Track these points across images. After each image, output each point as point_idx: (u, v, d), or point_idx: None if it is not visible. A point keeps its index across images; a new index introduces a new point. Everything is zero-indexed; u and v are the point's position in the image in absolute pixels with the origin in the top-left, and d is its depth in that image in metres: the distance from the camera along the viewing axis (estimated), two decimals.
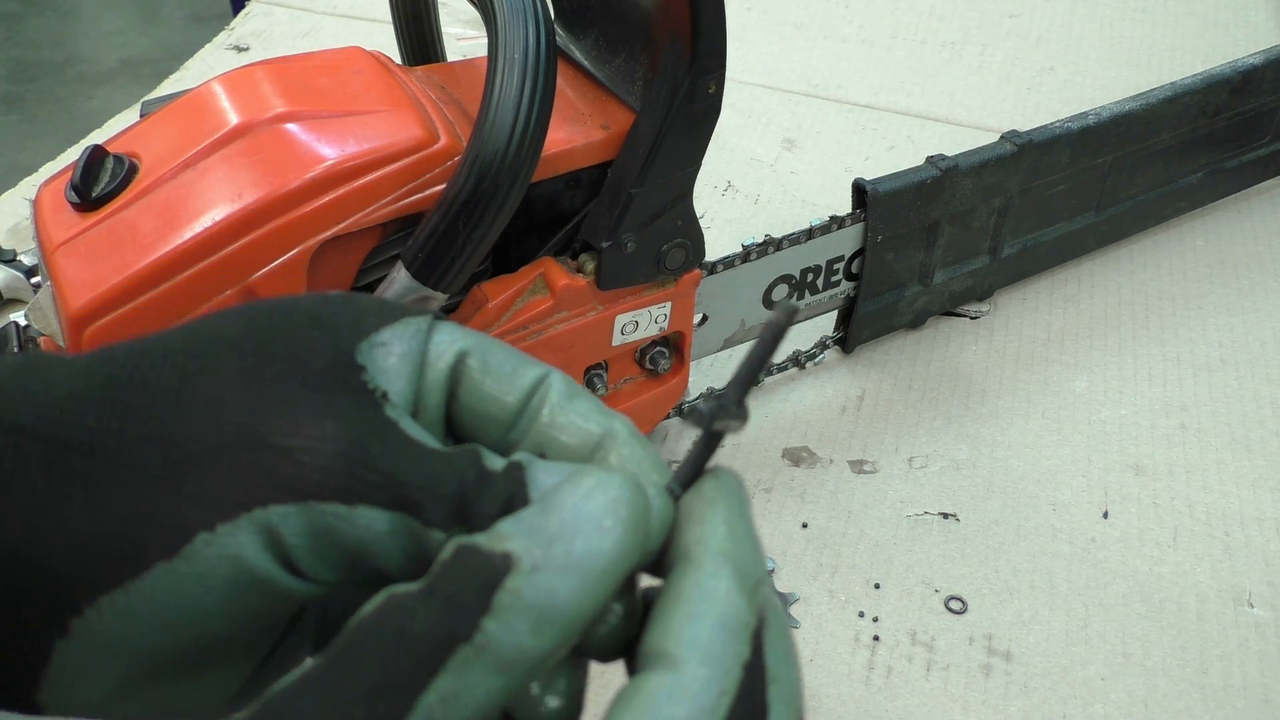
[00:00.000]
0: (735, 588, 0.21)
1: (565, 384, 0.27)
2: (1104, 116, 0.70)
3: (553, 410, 0.26)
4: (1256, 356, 0.73)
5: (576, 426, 0.26)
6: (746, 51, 1.05)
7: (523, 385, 0.26)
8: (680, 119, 0.47)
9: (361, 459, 0.23)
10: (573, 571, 0.20)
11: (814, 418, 0.67)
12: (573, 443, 0.26)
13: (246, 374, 0.24)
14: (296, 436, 0.23)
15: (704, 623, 0.21)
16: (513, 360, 0.27)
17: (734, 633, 0.21)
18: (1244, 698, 0.53)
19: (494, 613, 0.19)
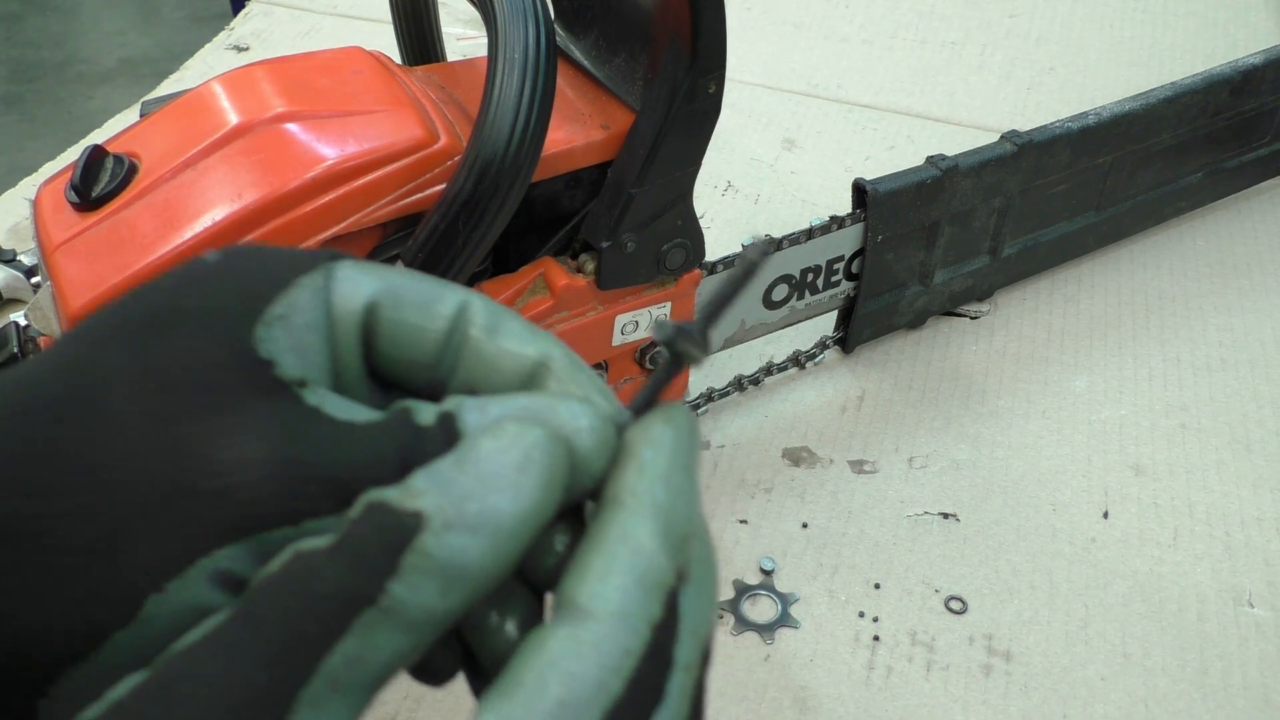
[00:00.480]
0: (659, 544, 0.21)
1: (488, 309, 0.25)
2: (1104, 116, 0.70)
3: (477, 342, 0.25)
4: (1256, 356, 0.73)
5: (506, 355, 0.24)
6: (746, 51, 1.05)
7: (440, 322, 0.25)
8: (680, 119, 0.47)
9: (296, 474, 0.22)
10: (484, 531, 0.20)
11: (814, 418, 0.67)
12: (504, 374, 0.25)
13: (148, 414, 0.22)
14: (223, 476, 0.21)
15: (619, 577, 0.20)
16: (426, 294, 0.25)
17: (649, 591, 0.20)
18: (1244, 698, 0.53)
19: (401, 575, 0.19)
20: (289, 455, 0.22)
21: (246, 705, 0.18)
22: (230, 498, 0.21)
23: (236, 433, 0.22)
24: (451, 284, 0.25)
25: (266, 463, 0.22)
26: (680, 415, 0.23)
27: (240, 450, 0.22)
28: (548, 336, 0.25)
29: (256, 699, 0.18)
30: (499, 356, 0.24)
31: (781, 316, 0.66)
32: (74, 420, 0.22)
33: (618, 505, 0.21)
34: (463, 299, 0.25)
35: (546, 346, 0.25)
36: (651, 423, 0.23)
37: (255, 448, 0.22)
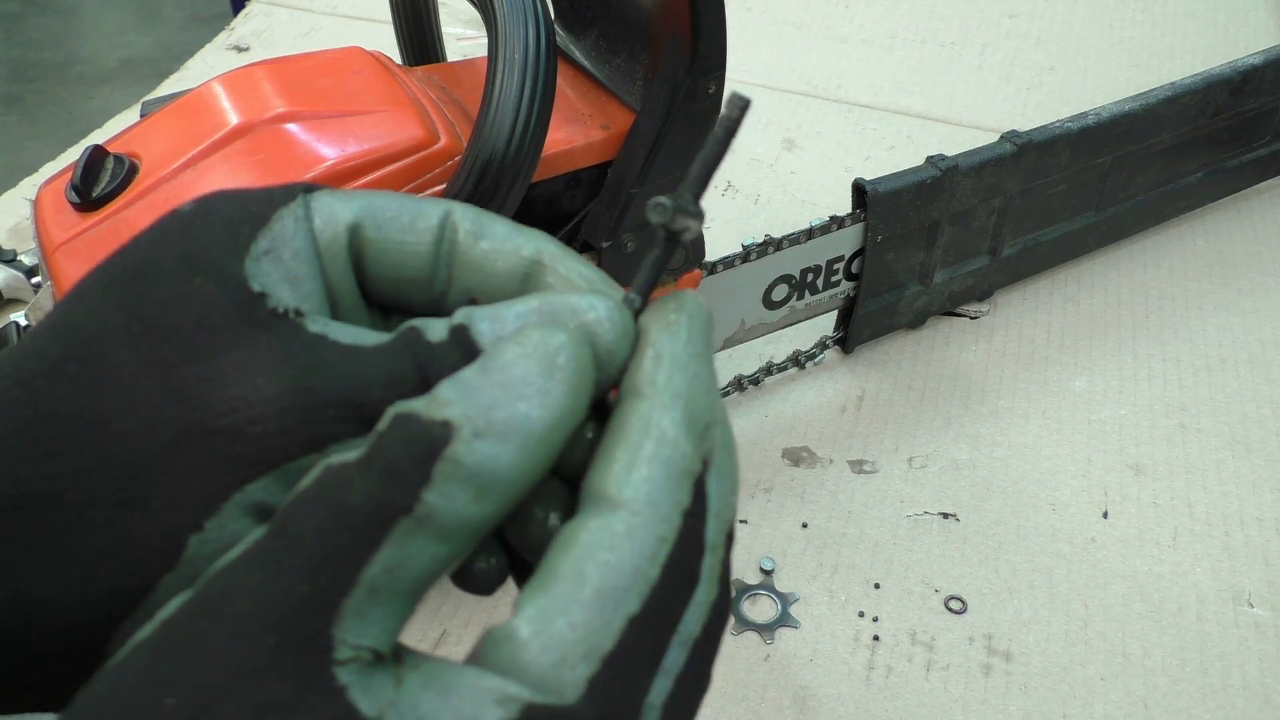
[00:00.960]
0: (683, 431, 0.21)
1: (471, 214, 0.25)
2: (1104, 116, 0.70)
3: (467, 248, 0.24)
4: (1256, 356, 0.73)
5: (499, 256, 0.24)
6: (746, 51, 1.05)
7: (425, 234, 0.24)
8: (680, 119, 0.47)
9: (311, 402, 0.22)
10: (514, 437, 0.20)
11: (814, 418, 0.67)
12: (501, 275, 0.24)
13: (147, 361, 0.22)
14: (236, 412, 0.22)
15: (647, 467, 0.20)
16: (407, 209, 0.25)
17: (677, 478, 0.21)
18: (1244, 698, 0.53)
19: (434, 484, 0.19)
20: (302, 384, 0.22)
21: (292, 614, 0.18)
22: (249, 431, 0.22)
23: (243, 368, 0.22)
24: (432, 199, 0.25)
25: (280, 394, 0.22)
26: (691, 301, 0.23)
27: (250, 384, 0.22)
28: (535, 232, 0.25)
29: (301, 608, 0.18)
30: (491, 257, 0.24)
31: (781, 316, 0.66)
32: (76, 379, 0.22)
33: (639, 395, 0.21)
34: (445, 208, 0.25)
35: (537, 242, 0.24)
36: (664, 309, 0.22)
37: (265, 380, 0.22)
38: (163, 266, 0.23)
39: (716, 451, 0.22)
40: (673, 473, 0.20)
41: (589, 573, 0.19)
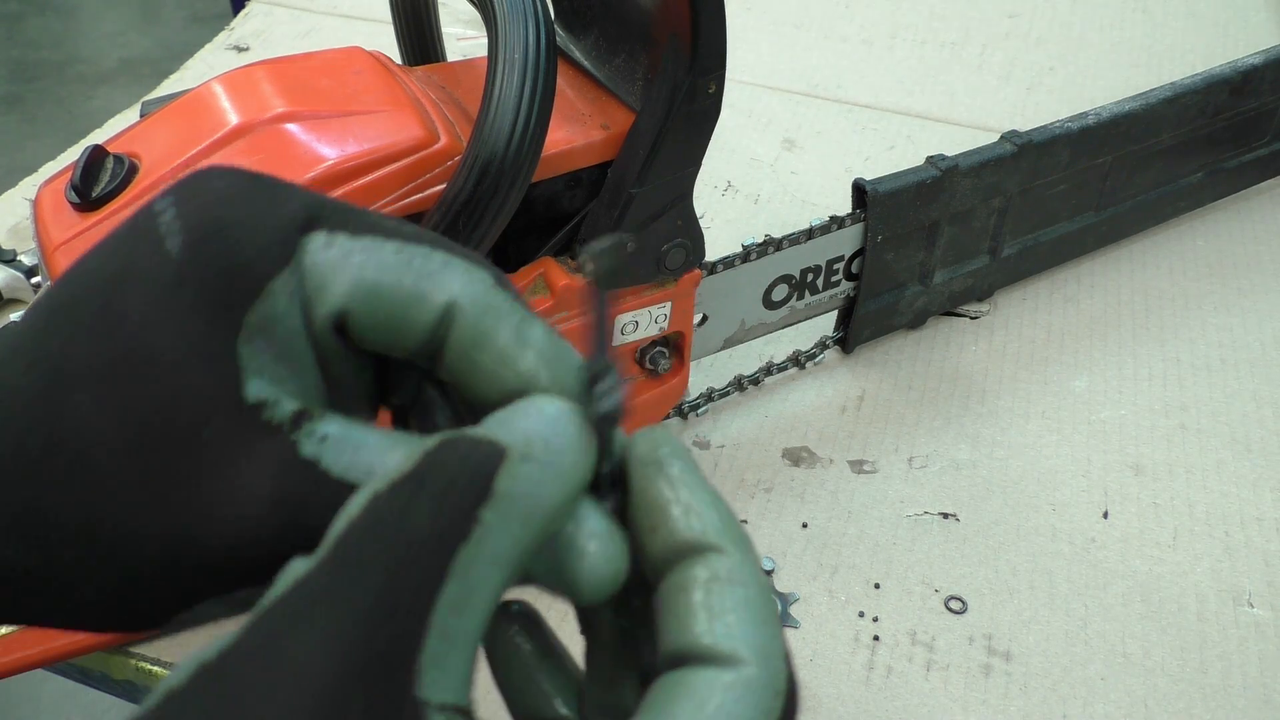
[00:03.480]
0: (752, 577, 0.21)
1: (475, 316, 0.23)
2: (1104, 116, 0.70)
3: (458, 359, 0.23)
4: (1256, 356, 0.73)
5: (495, 378, 0.23)
6: (746, 51, 1.05)
7: (418, 332, 0.23)
8: (680, 119, 0.47)
9: (300, 537, 0.21)
10: (552, 465, 0.20)
11: (814, 418, 0.67)
12: (489, 392, 0.23)
13: (138, 468, 0.21)
14: (225, 536, 0.21)
15: (748, 617, 0.20)
16: (404, 296, 0.23)
17: (773, 625, 0.20)
18: (1244, 698, 0.53)
19: (493, 504, 0.19)
20: (292, 518, 0.22)
21: (371, 665, 0.17)
22: (238, 555, 0.21)
23: (235, 494, 0.21)
24: (442, 267, 0.23)
25: (269, 524, 0.21)
26: (661, 440, 0.23)
27: (241, 511, 0.21)
28: (534, 349, 0.23)
29: (376, 663, 0.17)
30: (485, 378, 0.23)
31: (781, 316, 0.66)
32: (64, 483, 0.21)
33: (694, 547, 0.21)
34: (445, 304, 0.23)
35: (530, 367, 0.23)
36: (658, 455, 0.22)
37: (257, 509, 0.21)
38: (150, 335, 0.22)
39: None
40: (768, 620, 0.20)
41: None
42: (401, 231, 0.24)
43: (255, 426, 0.22)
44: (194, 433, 0.21)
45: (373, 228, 0.23)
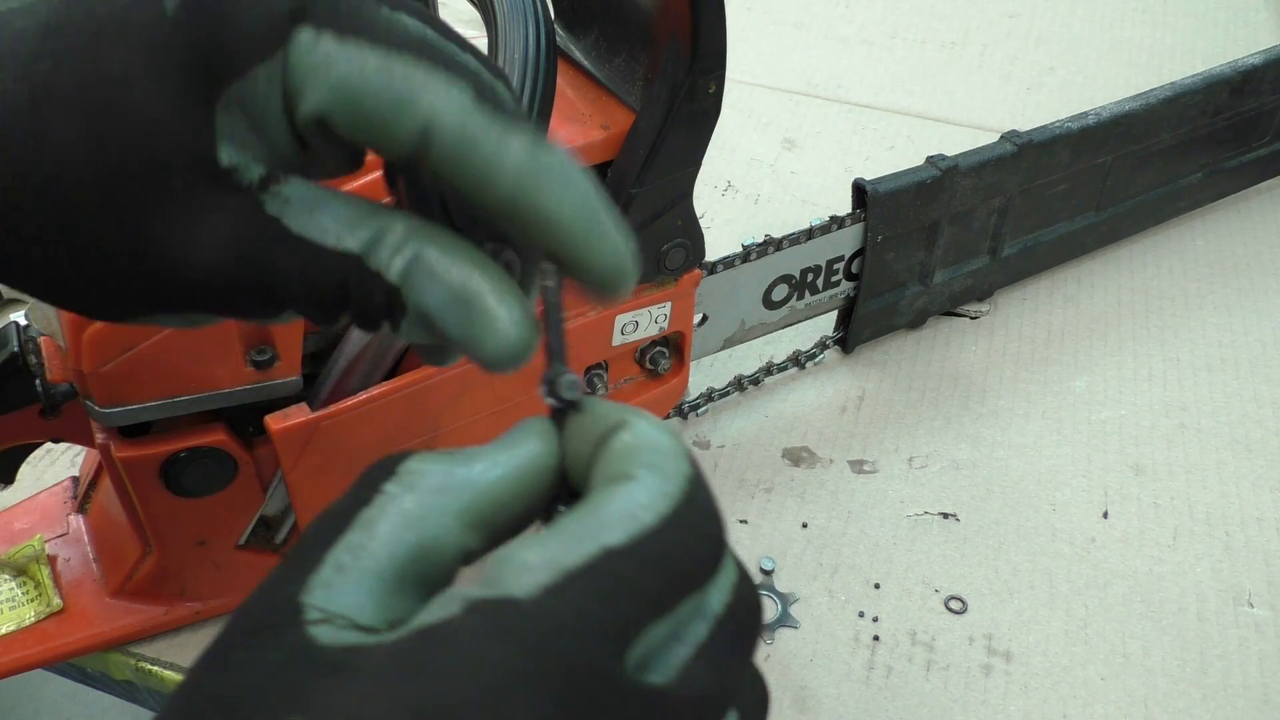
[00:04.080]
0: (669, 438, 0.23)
1: (453, 136, 0.24)
2: (1104, 116, 0.70)
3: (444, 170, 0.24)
4: (1256, 356, 0.73)
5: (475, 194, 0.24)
6: (746, 51, 1.05)
7: (402, 144, 0.24)
8: (680, 119, 0.47)
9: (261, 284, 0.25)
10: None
11: (814, 418, 0.67)
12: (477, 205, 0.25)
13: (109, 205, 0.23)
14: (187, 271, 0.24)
15: (650, 454, 0.22)
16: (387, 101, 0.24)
17: (676, 460, 0.22)
18: (1244, 698, 0.53)
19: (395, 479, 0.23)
20: (254, 273, 0.24)
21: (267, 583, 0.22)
22: (196, 289, 0.25)
23: (198, 237, 0.24)
24: (423, 81, 0.24)
25: (229, 271, 0.24)
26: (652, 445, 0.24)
27: (201, 252, 0.24)
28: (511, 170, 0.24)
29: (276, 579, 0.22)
30: (465, 191, 0.24)
31: (781, 316, 0.66)
32: (38, 189, 0.23)
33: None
34: (423, 121, 0.24)
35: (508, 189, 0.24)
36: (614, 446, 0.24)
37: (215, 253, 0.24)
38: (133, 87, 0.23)
39: None
40: (669, 459, 0.22)
41: (576, 518, 0.21)
42: (391, 33, 0.24)
43: (224, 184, 0.24)
44: (163, 179, 0.23)
45: (360, 28, 0.24)
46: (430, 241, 0.25)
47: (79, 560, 0.53)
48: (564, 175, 0.24)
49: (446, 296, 0.25)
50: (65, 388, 0.47)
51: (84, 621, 0.51)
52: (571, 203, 0.25)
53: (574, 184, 0.25)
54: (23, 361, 0.47)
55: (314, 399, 0.47)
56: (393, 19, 0.24)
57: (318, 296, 0.25)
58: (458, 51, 0.25)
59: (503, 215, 0.25)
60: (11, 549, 0.53)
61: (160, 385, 0.43)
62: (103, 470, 0.54)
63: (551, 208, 0.24)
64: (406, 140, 0.24)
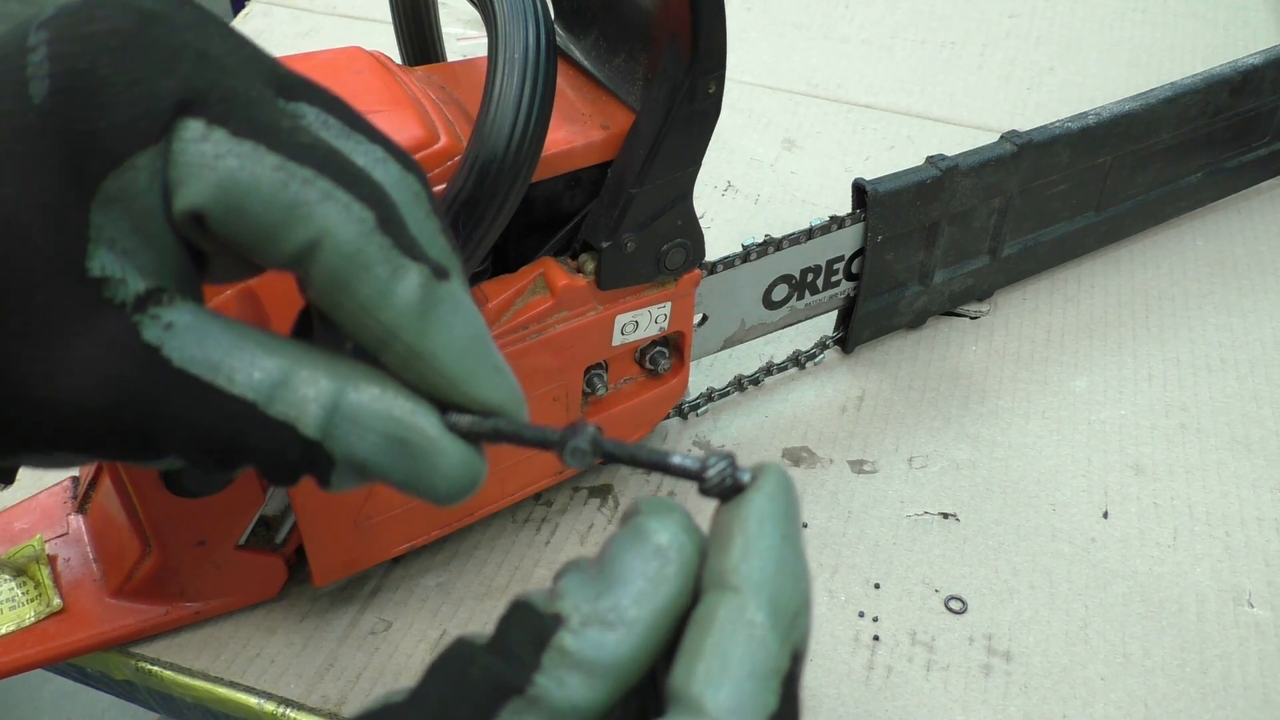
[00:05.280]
0: (769, 628, 0.20)
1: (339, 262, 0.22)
2: (1104, 116, 0.70)
3: (325, 293, 0.22)
4: (1256, 356, 0.73)
5: (354, 324, 0.23)
6: (746, 51, 1.05)
7: (281, 257, 0.22)
8: (680, 119, 0.47)
9: (142, 429, 0.22)
10: (620, 624, 0.21)
11: (814, 418, 0.67)
12: (355, 335, 0.23)
13: None
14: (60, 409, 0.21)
15: (732, 669, 0.20)
16: (265, 221, 0.21)
17: (763, 681, 0.20)
18: (1244, 698, 0.53)
19: (544, 668, 0.20)
20: (124, 402, 0.21)
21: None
22: (64, 425, 0.21)
23: (64, 363, 0.21)
24: (319, 199, 0.22)
25: (98, 402, 0.21)
26: (774, 477, 0.23)
27: (70, 382, 0.21)
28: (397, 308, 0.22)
29: None
30: (344, 318, 0.23)
31: (781, 316, 0.66)
32: None
33: (722, 587, 0.21)
34: (309, 240, 0.22)
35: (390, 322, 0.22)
36: (752, 497, 0.22)
37: (85, 384, 0.21)
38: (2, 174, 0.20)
39: (805, 641, 0.22)
40: (759, 674, 0.20)
41: None
42: (295, 141, 0.22)
43: (94, 301, 0.21)
44: (25, 296, 0.20)
45: (260, 130, 0.22)
46: (348, 383, 0.23)
47: (79, 560, 0.53)
48: (452, 310, 0.23)
49: (381, 443, 0.23)
50: None
51: (84, 621, 0.51)
52: (459, 339, 0.23)
53: (461, 319, 0.23)
54: None
55: None
56: (296, 124, 0.23)
57: (207, 446, 0.22)
58: (364, 170, 0.23)
59: (378, 349, 0.23)
60: (11, 549, 0.53)
61: None
62: (103, 470, 0.54)
63: (438, 343, 0.23)
64: (287, 254, 0.22)
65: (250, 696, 0.51)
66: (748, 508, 0.22)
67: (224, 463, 0.23)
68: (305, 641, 0.54)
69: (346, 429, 0.23)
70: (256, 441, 0.22)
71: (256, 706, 0.51)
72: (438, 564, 0.57)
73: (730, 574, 0.21)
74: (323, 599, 0.55)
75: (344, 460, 0.23)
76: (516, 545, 0.59)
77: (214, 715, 0.53)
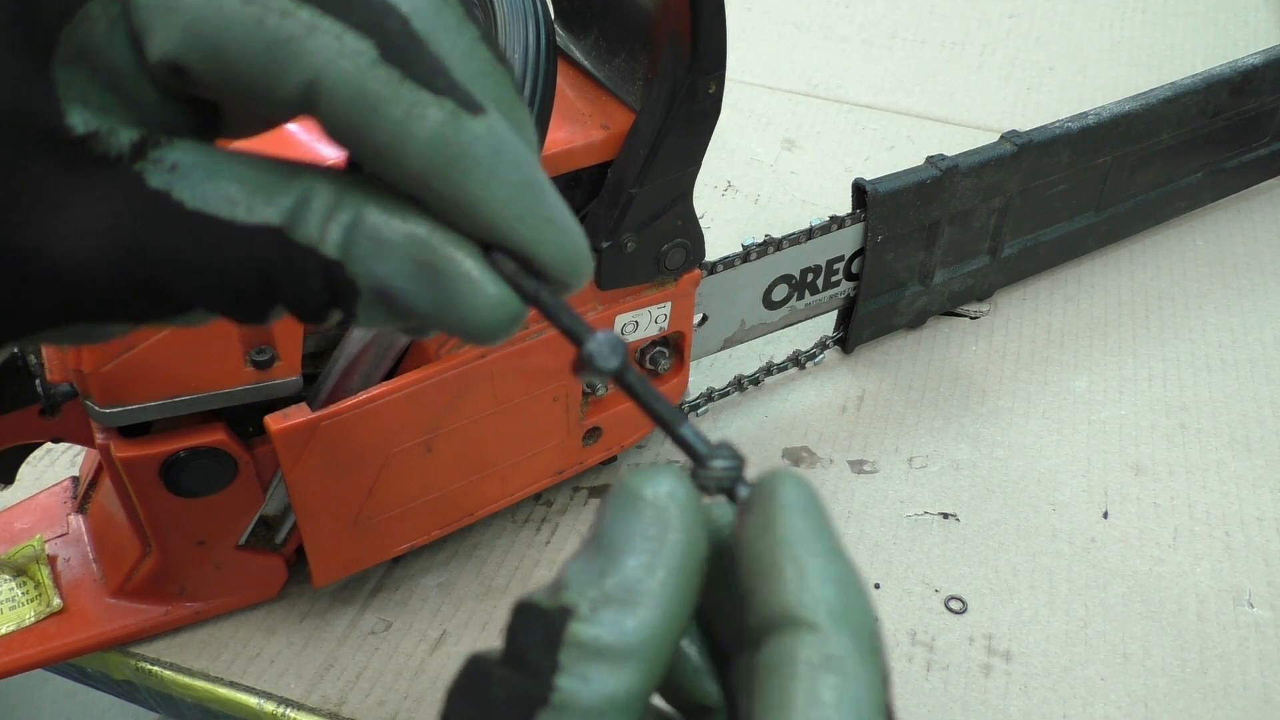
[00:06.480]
0: (859, 660, 0.18)
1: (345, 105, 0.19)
2: (1104, 116, 0.70)
3: (341, 140, 0.20)
4: (1256, 356, 0.73)
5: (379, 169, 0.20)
6: (746, 51, 1.05)
7: (278, 105, 0.19)
8: (680, 119, 0.47)
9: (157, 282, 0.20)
10: (635, 599, 0.18)
11: (814, 418, 0.67)
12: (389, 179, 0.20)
13: None
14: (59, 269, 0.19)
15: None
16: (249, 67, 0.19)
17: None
18: (1244, 698, 0.53)
19: (564, 668, 0.18)
20: (138, 255, 0.20)
21: None
22: (73, 292, 0.20)
23: (67, 227, 0.19)
24: (304, 34, 0.19)
25: (107, 261, 0.19)
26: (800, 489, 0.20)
27: (75, 245, 0.19)
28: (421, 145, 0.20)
29: None
30: (368, 163, 0.20)
31: (781, 316, 0.66)
32: None
33: (795, 624, 0.18)
34: (304, 83, 0.19)
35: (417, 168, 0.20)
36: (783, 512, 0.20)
37: (91, 245, 0.19)
38: None
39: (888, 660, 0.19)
40: (868, 716, 0.18)
41: None
42: None
43: (85, 159, 0.19)
44: (5, 164, 0.19)
45: None
46: (370, 200, 0.21)
47: (79, 560, 0.53)
48: (491, 152, 0.20)
49: (406, 267, 0.20)
50: (65, 388, 0.47)
51: (84, 621, 0.51)
52: (500, 186, 0.20)
53: (504, 162, 0.20)
54: (23, 361, 0.47)
55: (314, 399, 0.47)
56: None
57: (233, 288, 0.20)
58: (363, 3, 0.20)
59: (418, 195, 0.20)
60: (11, 549, 0.53)
61: (160, 385, 0.43)
62: (103, 470, 0.54)
63: (474, 192, 0.20)
64: (286, 102, 0.19)
65: (250, 696, 0.51)
66: (784, 528, 0.19)
67: (252, 308, 0.21)
68: (305, 641, 0.54)
69: (368, 248, 0.20)
70: (280, 275, 0.20)
71: (256, 706, 0.51)
72: (438, 564, 0.57)
73: (795, 608, 0.18)
74: (323, 599, 0.55)
75: (368, 286, 0.21)
76: (516, 545, 0.59)
77: (214, 715, 0.53)
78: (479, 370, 0.49)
